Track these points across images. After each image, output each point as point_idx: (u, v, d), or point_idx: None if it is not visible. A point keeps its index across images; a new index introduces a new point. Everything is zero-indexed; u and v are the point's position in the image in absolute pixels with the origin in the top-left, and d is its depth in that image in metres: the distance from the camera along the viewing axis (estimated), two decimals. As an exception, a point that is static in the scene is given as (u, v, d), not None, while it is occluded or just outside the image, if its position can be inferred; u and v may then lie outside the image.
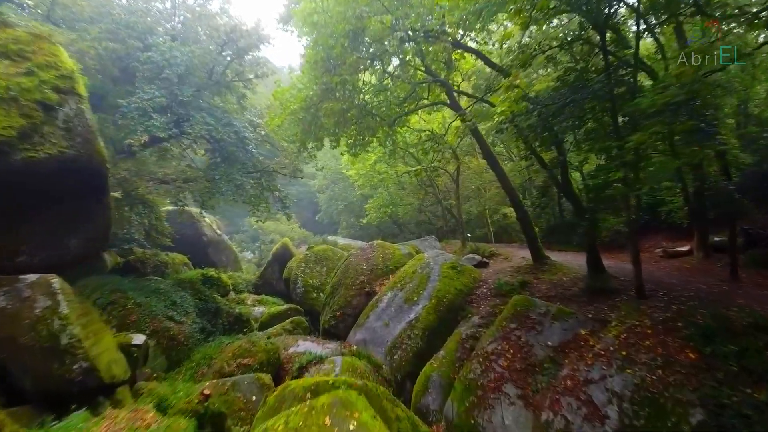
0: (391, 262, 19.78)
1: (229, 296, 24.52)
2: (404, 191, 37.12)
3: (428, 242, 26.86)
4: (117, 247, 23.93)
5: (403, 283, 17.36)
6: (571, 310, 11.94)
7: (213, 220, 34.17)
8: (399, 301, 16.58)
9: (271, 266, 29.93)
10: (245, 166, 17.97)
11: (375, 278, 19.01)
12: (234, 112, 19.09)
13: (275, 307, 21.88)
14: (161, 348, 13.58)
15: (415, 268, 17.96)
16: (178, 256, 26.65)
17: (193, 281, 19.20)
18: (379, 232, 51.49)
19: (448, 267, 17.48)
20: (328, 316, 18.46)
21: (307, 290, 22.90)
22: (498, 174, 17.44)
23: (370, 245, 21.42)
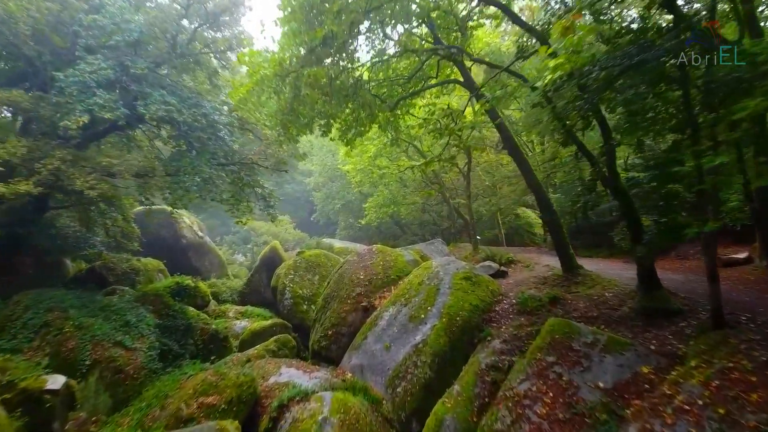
0: (393, 271, 17.38)
1: (209, 308, 22.17)
2: (407, 189, 34.70)
3: (435, 246, 24.44)
4: (83, 251, 21.54)
5: (408, 296, 14.97)
6: (627, 340, 9.50)
7: (194, 221, 31.74)
8: (403, 318, 14.20)
9: (258, 272, 27.54)
10: (215, 156, 15.45)
11: (374, 290, 16.62)
12: (207, 94, 16.63)
13: (259, 322, 19.48)
14: (105, 383, 11.14)
15: (422, 278, 15.57)
16: (152, 262, 24.30)
17: (160, 293, 16.78)
18: (379, 233, 49.13)
19: (461, 277, 15.08)
20: (318, 335, 16.06)
21: (296, 302, 20.52)
22: (522, 167, 14.99)
23: (369, 250, 19.00)
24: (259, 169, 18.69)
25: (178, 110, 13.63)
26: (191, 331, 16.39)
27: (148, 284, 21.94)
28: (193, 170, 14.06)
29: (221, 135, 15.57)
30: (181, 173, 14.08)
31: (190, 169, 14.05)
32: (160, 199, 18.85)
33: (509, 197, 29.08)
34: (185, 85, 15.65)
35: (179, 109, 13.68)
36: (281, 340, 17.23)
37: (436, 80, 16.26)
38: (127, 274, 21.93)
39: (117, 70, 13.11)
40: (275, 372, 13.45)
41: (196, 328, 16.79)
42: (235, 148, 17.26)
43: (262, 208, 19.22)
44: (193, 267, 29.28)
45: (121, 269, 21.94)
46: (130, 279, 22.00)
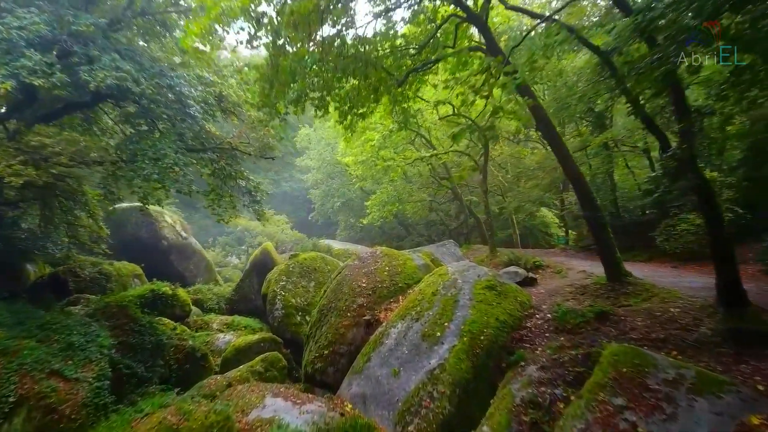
0: (401, 278, 15.17)
1: (189, 319, 19.99)
2: (413, 185, 32.50)
3: (446, 248, 22.19)
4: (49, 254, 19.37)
5: (420, 309, 12.76)
6: (724, 378, 7.25)
7: (177, 220, 29.51)
8: (414, 337, 12.00)
9: (249, 277, 25.37)
10: (183, 138, 13.16)
11: (378, 301, 14.41)
12: (180, 67, 14.33)
13: (245, 337, 17.29)
14: (33, 426, 8.86)
15: (436, 287, 13.36)
16: (127, 266, 22.16)
17: (125, 305, 14.55)
18: (382, 234, 46.96)
19: (484, 286, 12.90)
20: (312, 355, 13.84)
21: (287, 313, 18.33)
22: (559, 154, 12.71)
23: (372, 253, 16.76)
24: (242, 157, 16.43)
25: (135, 80, 11.35)
26: (162, 350, 14.19)
27: (120, 292, 19.81)
28: (155, 155, 11.80)
29: (191, 112, 13.28)
30: (139, 159, 11.82)
31: (151, 154, 11.79)
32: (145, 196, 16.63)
33: (530, 193, 26.72)
34: (149, 54, 13.36)
35: (136, 78, 11.40)
36: (269, 359, 15.02)
37: (453, 50, 13.98)
38: (95, 281, 19.81)
39: (55, 27, 10.89)
40: (258, 403, 11.21)
41: (169, 345, 14.59)
42: (214, 131, 15.03)
43: (246, 204, 16.96)
44: (176, 271, 27.16)
45: (89, 275, 19.77)
46: (100, 286, 19.88)
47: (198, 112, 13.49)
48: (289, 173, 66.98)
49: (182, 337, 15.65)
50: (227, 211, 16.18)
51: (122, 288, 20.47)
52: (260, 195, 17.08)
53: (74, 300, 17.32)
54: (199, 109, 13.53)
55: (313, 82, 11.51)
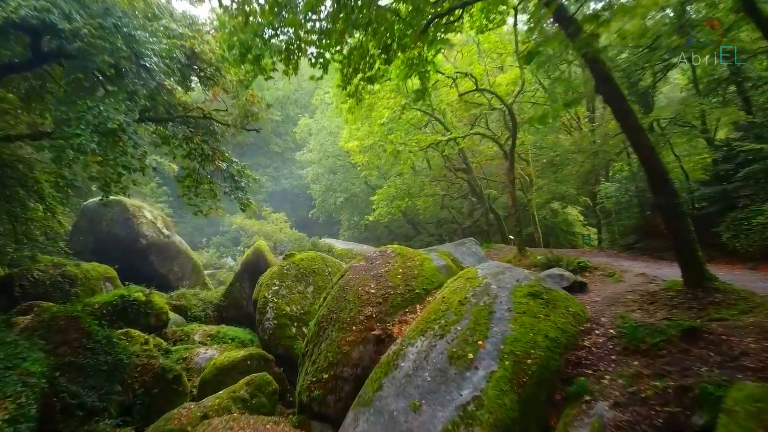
0: (419, 282, 12.75)
1: (166, 329, 17.62)
2: (425, 177, 30.01)
3: (466, 248, 19.68)
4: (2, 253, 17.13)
5: (444, 322, 10.35)
6: None
7: (158, 215, 27.07)
8: (439, 359, 9.60)
9: (240, 281, 23.02)
10: (135, 98, 10.61)
11: (391, 311, 11.99)
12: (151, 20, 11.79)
13: (229, 353, 14.88)
14: None
15: (464, 294, 10.92)
16: (97, 268, 19.83)
17: (75, 316, 12.15)
18: (389, 233, 44.60)
19: (526, 294, 10.49)
20: (309, 380, 11.42)
21: (280, 324, 15.96)
22: (625, 122, 10.11)
23: (382, 253, 14.30)
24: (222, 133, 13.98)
25: (65, 15, 8.90)
26: (122, 372, 11.81)
27: (86, 298, 17.51)
28: (95, 119, 9.34)
29: (146, 64, 10.78)
30: (73, 124, 9.35)
31: (90, 118, 9.33)
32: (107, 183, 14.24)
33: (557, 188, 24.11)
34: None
35: (67, 13, 8.96)
36: (257, 382, 12.59)
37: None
38: (57, 285, 17.49)
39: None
40: (236, 448, 8.83)
41: (131, 365, 12.18)
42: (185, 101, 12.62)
43: (228, 191, 14.50)
44: (157, 273, 24.83)
45: (51, 277, 17.44)
46: (62, 291, 17.62)
47: (156, 65, 10.97)
48: (289, 169, 64.91)
49: (151, 354, 13.24)
50: (206, 201, 13.79)
51: (90, 293, 18.16)
52: (245, 181, 14.64)
53: (26, 308, 15.00)
54: (157, 62, 11.02)
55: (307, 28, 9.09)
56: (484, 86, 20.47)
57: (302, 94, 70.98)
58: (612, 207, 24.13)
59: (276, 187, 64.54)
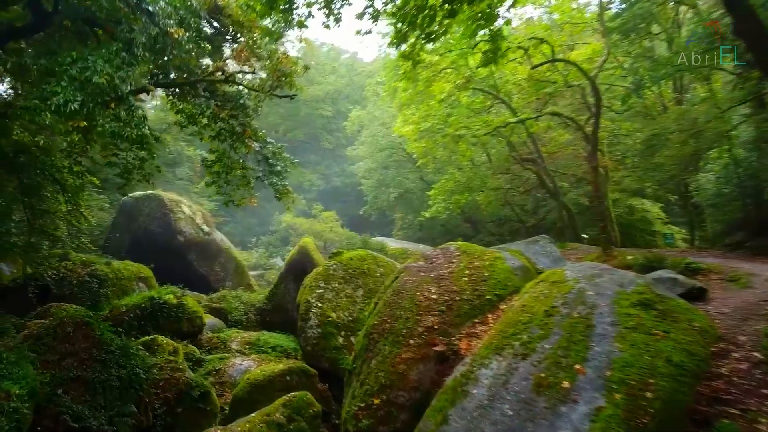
0: (490, 286, 10.68)
1: (201, 336, 16.27)
2: (487, 168, 27.69)
3: (539, 246, 17.37)
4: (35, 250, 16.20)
5: (527, 337, 8.37)
6: None
7: (198, 211, 25.90)
8: (522, 386, 7.68)
9: (285, 282, 21.51)
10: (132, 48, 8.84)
11: (456, 321, 10.02)
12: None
13: (265, 368, 13.27)
14: None
15: (551, 302, 8.81)
16: (130, 267, 18.79)
17: (86, 322, 10.76)
18: (446, 233, 42.30)
19: (635, 303, 8.28)
20: (356, 405, 9.59)
21: (325, 333, 14.24)
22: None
23: (444, 251, 12.31)
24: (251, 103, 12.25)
25: None
26: (138, 388, 10.35)
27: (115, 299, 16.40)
28: (80, 74, 7.73)
29: (148, 8, 9.12)
30: (52, 81, 7.75)
31: (75, 73, 7.71)
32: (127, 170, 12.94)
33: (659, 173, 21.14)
34: None
35: None
36: (296, 404, 10.84)
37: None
38: (85, 285, 16.40)
39: None
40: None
41: (151, 380, 10.68)
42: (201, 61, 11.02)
43: (262, 176, 12.81)
44: (196, 273, 23.73)
45: (79, 276, 16.39)
46: (90, 291, 16.53)
47: (161, 10, 9.29)
48: (341, 167, 63.81)
49: (176, 367, 11.74)
50: (238, 189, 12.21)
51: (121, 294, 17.11)
52: (282, 164, 12.93)
53: (46, 311, 13.87)
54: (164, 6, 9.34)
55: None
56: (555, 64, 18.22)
57: (354, 89, 69.68)
58: (707, 201, 21.25)
59: (327, 185, 63.52)
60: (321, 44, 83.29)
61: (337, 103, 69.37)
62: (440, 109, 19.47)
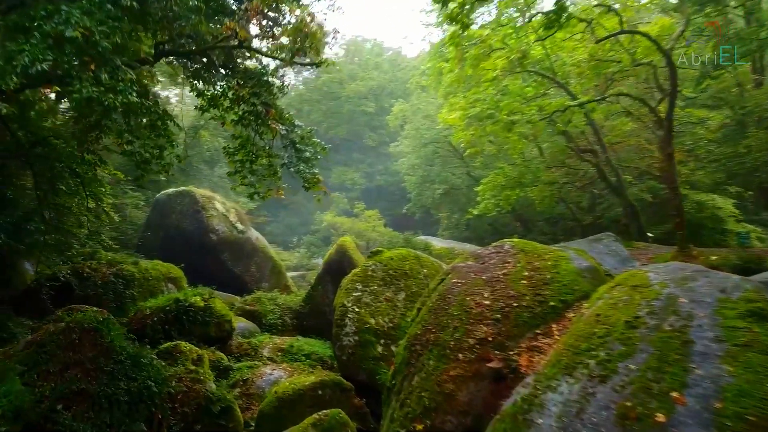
0: (553, 291, 9.17)
1: (231, 342, 15.33)
2: (540, 162, 25.86)
3: (605, 245, 15.70)
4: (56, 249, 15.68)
5: (605, 355, 6.88)
6: None
7: (231, 208, 25.06)
8: (600, 415, 6.22)
9: (322, 283, 20.46)
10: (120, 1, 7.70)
11: (515, 331, 8.58)
12: None
13: (296, 380, 12.09)
14: None
15: (634, 310, 7.25)
16: (159, 267, 18.08)
17: (94, 327, 9.81)
18: (494, 232, 40.47)
19: (743, 314, 6.66)
20: (396, 430, 8.22)
21: (363, 341, 12.98)
22: None
23: (497, 248, 10.82)
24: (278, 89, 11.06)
25: None
26: (149, 403, 9.30)
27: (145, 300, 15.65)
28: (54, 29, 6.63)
29: None
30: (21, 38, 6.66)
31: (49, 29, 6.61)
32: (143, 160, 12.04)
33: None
34: None
35: None
36: (327, 424, 9.64)
37: None
38: (110, 286, 15.67)
39: None
40: None
41: (164, 394, 9.64)
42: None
43: (289, 162, 11.59)
44: (230, 274, 22.97)
45: (104, 276, 15.69)
46: (116, 292, 15.82)
47: None
48: (384, 165, 62.67)
49: (197, 378, 10.69)
50: (265, 180, 11.08)
51: (148, 295, 16.35)
52: (311, 150, 11.68)
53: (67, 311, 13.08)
54: None
55: None
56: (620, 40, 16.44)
57: (397, 85, 68.36)
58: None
59: (370, 183, 62.53)
60: (364, 40, 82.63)
61: (381, 100, 68.27)
62: (490, 92, 17.86)
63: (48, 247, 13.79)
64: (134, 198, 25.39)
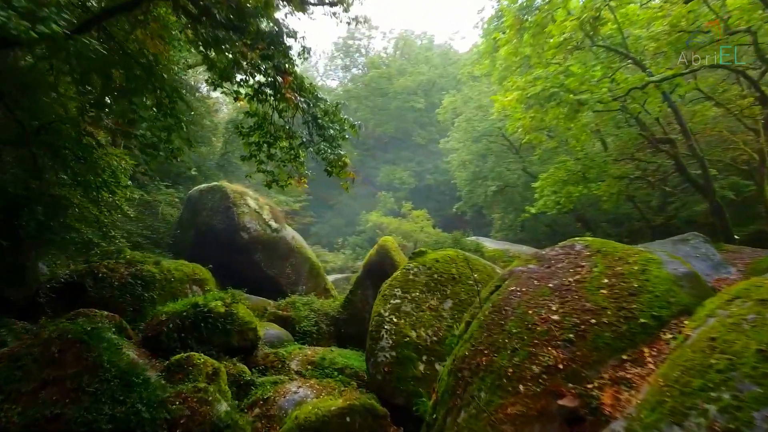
0: (644, 302, 7.21)
1: (256, 353, 13.95)
2: (607, 155, 23.35)
3: (692, 247, 13.46)
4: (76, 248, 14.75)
5: (728, 397, 4.86)
6: None
7: (265, 205, 23.63)
8: None
9: (361, 287, 18.88)
10: None
11: (594, 356, 6.67)
12: None
13: (322, 403, 10.29)
14: None
15: None
16: (183, 267, 16.95)
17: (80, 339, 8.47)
18: (552, 233, 37.91)
19: None
20: (435, 482, 6.48)
21: (401, 357, 11.22)
22: None
23: (567, 250, 8.86)
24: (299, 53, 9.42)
25: None
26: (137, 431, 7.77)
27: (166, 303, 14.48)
28: None
29: None
30: None
31: None
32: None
33: None
34: None
35: None
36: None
37: None
38: (127, 288, 14.52)
39: None
40: None
41: (162, 419, 8.15)
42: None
43: (308, 141, 9.89)
44: (263, 276, 21.60)
45: (121, 276, 14.60)
46: (134, 295, 14.71)
47: None
48: (433, 164, 60.75)
49: (205, 399, 9.16)
50: (285, 165, 9.52)
51: (170, 297, 15.08)
52: (338, 127, 9.98)
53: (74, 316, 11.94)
54: None
55: None
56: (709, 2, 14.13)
57: (448, 80, 66.23)
58: None
59: (419, 182, 60.66)
60: (414, 35, 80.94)
61: (431, 95, 66.25)
62: (553, 68, 15.62)
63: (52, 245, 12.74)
64: (167, 194, 24.51)
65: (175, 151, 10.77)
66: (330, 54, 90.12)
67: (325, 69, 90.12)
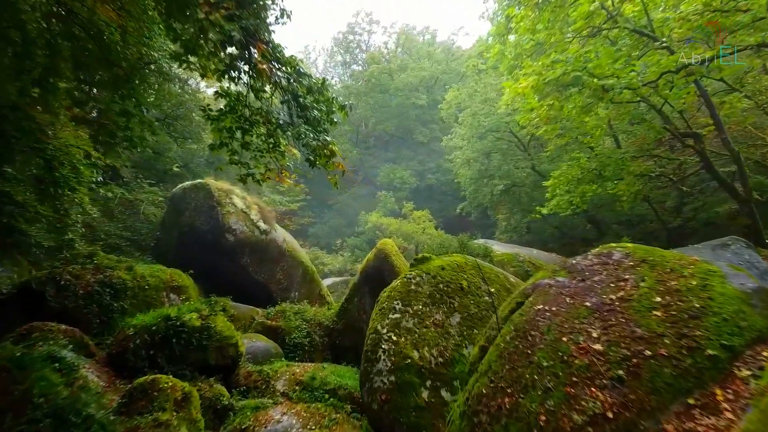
0: (710, 327, 5.72)
1: (238, 372, 12.52)
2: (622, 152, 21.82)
3: (733, 253, 11.97)
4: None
5: None
6: None
7: (252, 204, 22.09)
8: None
9: (358, 295, 17.48)
10: None
11: (652, 401, 5.13)
12: None
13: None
14: None
15: None
16: (160, 273, 15.61)
17: (6, 367, 6.98)
18: (561, 236, 36.59)
19: None
20: None
21: (401, 382, 9.68)
22: None
23: (603, 258, 7.35)
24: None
25: None
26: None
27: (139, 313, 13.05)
28: None
29: None
30: None
31: None
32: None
33: None
34: None
35: None
36: None
37: None
38: (94, 297, 13.07)
39: None
40: None
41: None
42: None
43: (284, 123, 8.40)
44: (251, 281, 20.20)
45: (83, 287, 13.13)
46: (101, 305, 13.25)
47: None
48: (436, 163, 59.46)
49: None
50: (263, 157, 8.10)
51: (144, 307, 13.61)
52: (325, 108, 8.49)
53: (26, 331, 10.51)
54: None
55: None
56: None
57: (451, 76, 64.84)
58: None
59: (421, 182, 59.25)
60: (416, 32, 79.65)
61: (433, 92, 64.81)
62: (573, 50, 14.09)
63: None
64: (150, 193, 23.09)
65: (135, 141, 9.33)
66: (329, 50, 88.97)
67: (325, 66, 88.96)
